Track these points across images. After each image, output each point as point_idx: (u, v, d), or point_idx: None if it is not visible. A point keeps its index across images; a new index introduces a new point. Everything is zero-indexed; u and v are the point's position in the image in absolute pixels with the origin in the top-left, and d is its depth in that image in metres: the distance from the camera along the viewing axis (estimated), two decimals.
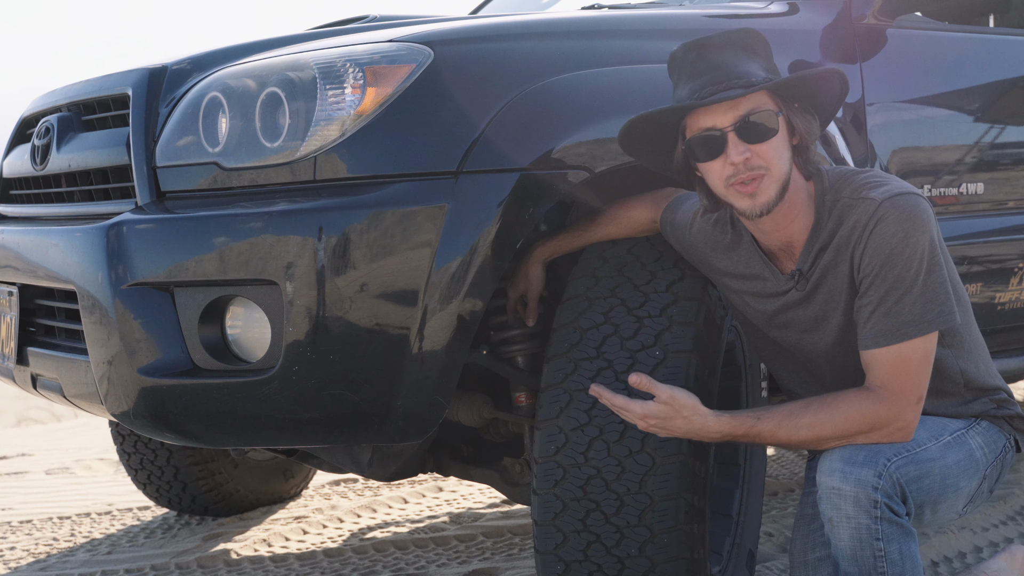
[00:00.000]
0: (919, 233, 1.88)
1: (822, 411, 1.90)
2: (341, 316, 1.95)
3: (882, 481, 1.85)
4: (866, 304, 1.91)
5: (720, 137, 1.88)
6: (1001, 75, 3.08)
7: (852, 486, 1.85)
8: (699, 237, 2.13)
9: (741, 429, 1.92)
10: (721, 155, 1.89)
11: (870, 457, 1.87)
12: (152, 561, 3.17)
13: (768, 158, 1.88)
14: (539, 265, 2.28)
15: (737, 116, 1.87)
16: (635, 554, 2.05)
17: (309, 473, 3.80)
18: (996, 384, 2.10)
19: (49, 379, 2.33)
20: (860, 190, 1.94)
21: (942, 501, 1.98)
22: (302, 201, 1.99)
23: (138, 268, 2.04)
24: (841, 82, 1.94)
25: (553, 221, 2.39)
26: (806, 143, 1.93)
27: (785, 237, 1.99)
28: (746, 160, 1.87)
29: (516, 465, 2.54)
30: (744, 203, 1.91)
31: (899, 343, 1.88)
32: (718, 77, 1.86)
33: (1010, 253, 2.99)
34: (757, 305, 2.09)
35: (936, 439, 1.97)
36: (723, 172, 1.90)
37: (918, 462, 1.91)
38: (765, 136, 1.87)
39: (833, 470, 1.88)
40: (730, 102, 1.86)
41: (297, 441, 2.15)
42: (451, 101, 2.03)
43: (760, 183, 1.89)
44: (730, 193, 1.92)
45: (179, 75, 2.23)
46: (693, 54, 1.90)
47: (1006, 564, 2.23)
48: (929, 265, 1.88)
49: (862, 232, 1.90)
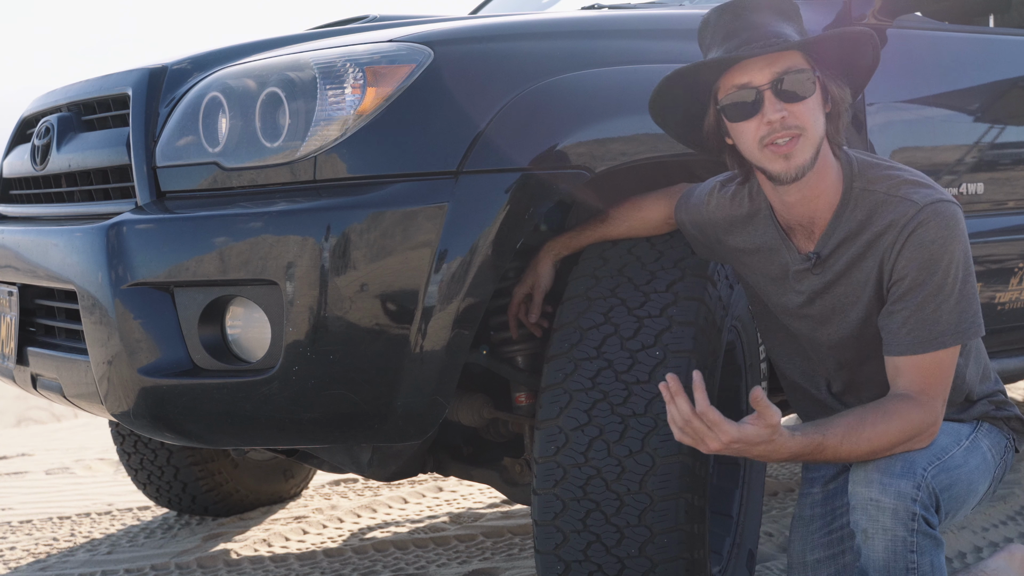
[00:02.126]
0: (957, 242, 1.86)
1: (879, 423, 1.84)
2: (341, 316, 1.96)
3: (920, 493, 1.82)
4: (900, 310, 1.88)
5: (757, 95, 1.84)
6: (1001, 75, 3.08)
7: (892, 498, 1.82)
8: (716, 212, 2.10)
9: (811, 447, 1.83)
10: (756, 115, 1.85)
11: (907, 468, 1.84)
12: (152, 561, 3.17)
13: (804, 119, 1.84)
14: (550, 262, 2.27)
15: (775, 73, 1.83)
16: (635, 554, 2.04)
17: (309, 473, 3.80)
18: (993, 388, 2.10)
19: (49, 379, 2.33)
20: (899, 188, 1.90)
21: (964, 506, 1.97)
22: (302, 201, 1.99)
23: (138, 268, 2.04)
24: (873, 48, 1.90)
25: (553, 221, 2.39)
26: (839, 110, 1.90)
27: (808, 212, 1.95)
28: (783, 119, 1.83)
29: (516, 465, 2.54)
30: (778, 165, 1.87)
31: (935, 351, 1.87)
32: (755, 36, 1.83)
33: (1010, 253, 2.99)
34: (774, 291, 2.06)
35: (957, 444, 1.95)
36: (758, 132, 1.86)
37: (949, 469, 1.89)
38: (802, 95, 1.84)
39: (871, 481, 1.85)
40: (767, 58, 1.83)
41: (297, 441, 2.15)
42: (451, 101, 2.03)
43: (796, 143, 1.84)
44: (764, 155, 1.87)
45: (179, 75, 2.23)
46: (728, 15, 1.87)
47: (1005, 563, 2.22)
48: (964, 275, 1.87)
49: (899, 233, 1.87)
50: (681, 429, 1.82)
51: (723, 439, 1.78)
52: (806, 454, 1.83)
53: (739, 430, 1.78)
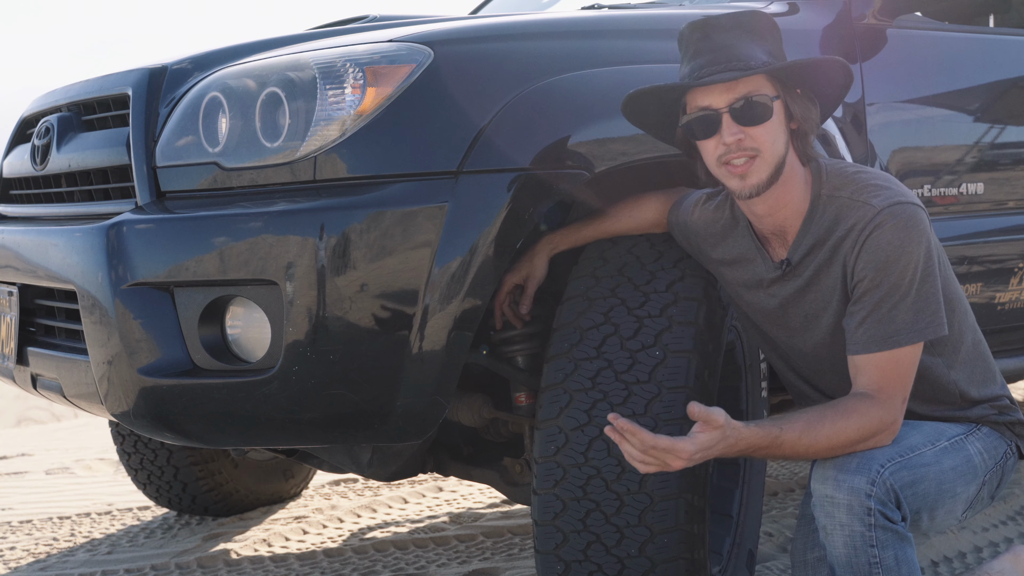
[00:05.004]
0: (915, 243, 1.89)
1: (838, 420, 1.87)
2: (341, 316, 1.96)
3: (875, 488, 1.85)
4: (859, 310, 1.92)
5: (715, 117, 1.90)
6: (1001, 75, 3.08)
7: (845, 494, 1.85)
8: (699, 223, 2.15)
9: (767, 439, 1.85)
10: (715, 134, 1.92)
11: (863, 464, 1.86)
12: (152, 561, 3.17)
13: (761, 141, 1.90)
14: (546, 255, 2.28)
15: (733, 98, 1.89)
16: (635, 554, 2.05)
17: (309, 473, 3.80)
18: (996, 392, 2.09)
19: (49, 379, 2.33)
20: (860, 192, 1.94)
21: (939, 506, 1.98)
22: (302, 201, 1.99)
23: (138, 268, 2.04)
24: (844, 72, 1.95)
25: (553, 221, 2.39)
26: (804, 129, 1.95)
27: (778, 222, 2.01)
28: (738, 141, 1.89)
29: (516, 465, 2.54)
30: (734, 183, 1.94)
31: (891, 349, 1.89)
32: (718, 58, 1.88)
33: (1010, 253, 2.99)
34: (751, 299, 2.10)
35: (932, 444, 1.96)
36: (716, 151, 1.92)
37: (912, 467, 1.91)
38: (759, 119, 1.89)
39: (826, 478, 1.88)
40: (727, 84, 1.88)
41: (297, 441, 2.15)
42: (451, 101, 2.03)
43: (752, 164, 1.91)
44: (722, 173, 1.95)
45: (179, 75, 2.23)
46: (698, 33, 1.92)
47: (1010, 565, 2.22)
48: (923, 275, 1.89)
49: (858, 236, 1.91)
50: (642, 461, 1.82)
51: (683, 456, 1.79)
52: (764, 447, 1.85)
53: (692, 442, 1.79)
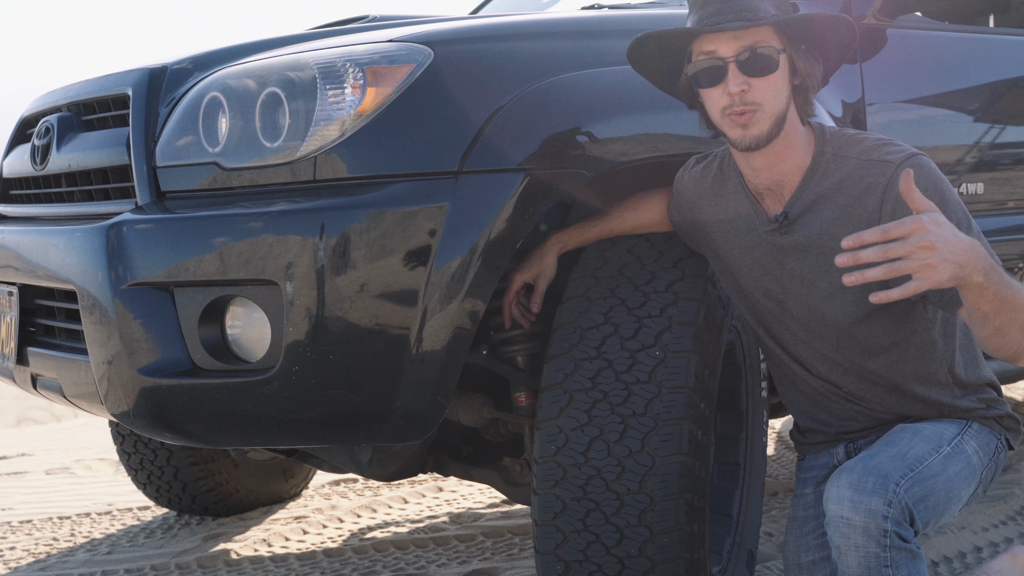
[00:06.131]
0: (945, 185, 1.89)
1: None
2: (341, 316, 1.96)
3: (892, 510, 1.82)
4: None
5: (721, 66, 1.91)
6: (1001, 75, 3.08)
7: (863, 516, 1.82)
8: (689, 185, 2.17)
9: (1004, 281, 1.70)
10: (720, 83, 1.92)
11: (879, 484, 1.83)
12: (152, 561, 3.17)
13: (764, 93, 1.91)
14: (555, 254, 2.28)
15: (740, 47, 1.90)
16: (635, 554, 2.05)
17: (309, 473, 3.80)
18: (985, 381, 2.10)
19: (49, 379, 2.33)
20: (870, 152, 1.95)
21: (945, 513, 1.97)
22: (302, 201, 1.99)
23: (138, 268, 2.04)
24: (848, 30, 1.96)
25: (553, 221, 2.39)
26: (807, 85, 1.97)
27: (776, 175, 2.01)
28: (742, 92, 1.90)
29: (516, 465, 2.54)
30: (736, 133, 1.94)
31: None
32: (728, 7, 1.90)
33: (1010, 253, 2.99)
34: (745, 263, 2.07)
35: (936, 452, 1.95)
36: (720, 101, 1.93)
37: (923, 480, 1.89)
38: (765, 71, 1.91)
39: (842, 499, 1.85)
40: (735, 33, 1.90)
41: (297, 441, 2.15)
42: (451, 101, 2.03)
43: (752, 116, 1.92)
44: (725, 123, 1.95)
45: (179, 75, 2.24)
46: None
47: (1009, 565, 2.22)
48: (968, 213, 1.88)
49: (884, 193, 1.90)
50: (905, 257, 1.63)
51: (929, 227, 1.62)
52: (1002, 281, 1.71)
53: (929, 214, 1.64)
